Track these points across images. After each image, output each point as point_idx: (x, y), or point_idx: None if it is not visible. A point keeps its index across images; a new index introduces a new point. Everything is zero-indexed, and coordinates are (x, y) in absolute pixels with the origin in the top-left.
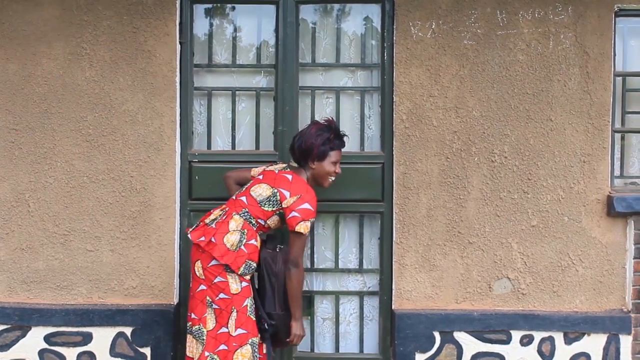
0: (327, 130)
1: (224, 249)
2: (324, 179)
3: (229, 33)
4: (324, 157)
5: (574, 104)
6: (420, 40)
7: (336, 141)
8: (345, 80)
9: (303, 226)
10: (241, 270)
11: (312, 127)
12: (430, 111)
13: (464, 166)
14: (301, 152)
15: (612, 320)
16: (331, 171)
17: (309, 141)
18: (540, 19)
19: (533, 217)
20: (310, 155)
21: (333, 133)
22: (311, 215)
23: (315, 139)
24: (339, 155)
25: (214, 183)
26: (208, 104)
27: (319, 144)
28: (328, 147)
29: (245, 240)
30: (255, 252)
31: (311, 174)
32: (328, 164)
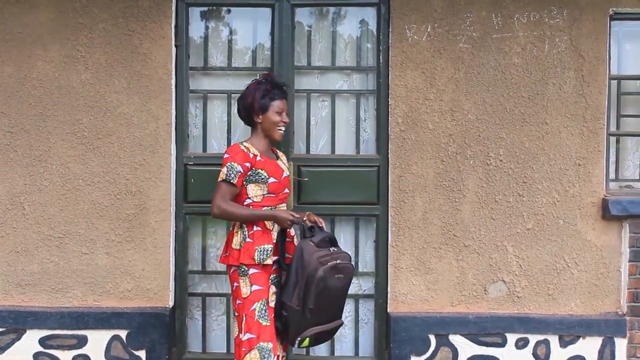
0: (265, 83)
1: (236, 252)
2: (272, 130)
3: (225, 36)
4: (267, 108)
5: (569, 107)
6: (415, 43)
7: (275, 91)
8: (341, 83)
9: (220, 174)
10: (257, 258)
11: (251, 84)
12: (425, 114)
13: (460, 169)
14: (245, 110)
15: (607, 324)
16: (277, 120)
17: (248, 97)
18: (535, 23)
19: (528, 220)
20: (253, 110)
21: (269, 84)
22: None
23: (254, 93)
24: (282, 104)
25: (210, 186)
26: (204, 106)
27: (259, 98)
28: (268, 99)
29: (247, 231)
30: (262, 235)
31: (261, 129)
32: (272, 114)
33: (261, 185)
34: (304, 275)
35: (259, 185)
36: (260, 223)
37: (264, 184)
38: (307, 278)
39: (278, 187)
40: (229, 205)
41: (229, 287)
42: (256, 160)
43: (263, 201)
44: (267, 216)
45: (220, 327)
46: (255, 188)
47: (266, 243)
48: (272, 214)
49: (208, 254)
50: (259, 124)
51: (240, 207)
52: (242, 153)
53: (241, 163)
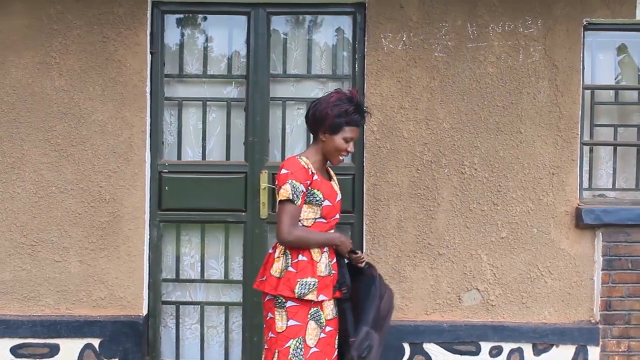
0: (348, 102)
1: (274, 280)
2: (332, 155)
3: (200, 43)
4: (337, 130)
5: (543, 117)
6: (391, 52)
7: (355, 116)
8: (317, 92)
9: (282, 191)
10: (297, 291)
11: (333, 95)
12: (400, 123)
13: (434, 178)
14: (314, 120)
15: (581, 332)
16: (342, 148)
17: (324, 110)
18: (510, 32)
19: (502, 229)
20: (322, 125)
21: (354, 106)
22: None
23: (332, 108)
24: (355, 132)
25: (184, 193)
26: (178, 114)
27: (334, 115)
28: (343, 121)
29: (291, 260)
30: (307, 267)
31: (321, 147)
32: (339, 140)
33: (314, 208)
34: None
35: (312, 207)
36: (307, 252)
37: (318, 206)
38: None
39: (331, 211)
40: (301, 230)
41: (203, 294)
42: (313, 179)
43: (313, 226)
44: (336, 242)
45: (194, 336)
46: (308, 210)
47: (310, 276)
48: (340, 240)
49: (182, 262)
50: (321, 142)
51: (311, 231)
52: (303, 170)
53: (303, 181)
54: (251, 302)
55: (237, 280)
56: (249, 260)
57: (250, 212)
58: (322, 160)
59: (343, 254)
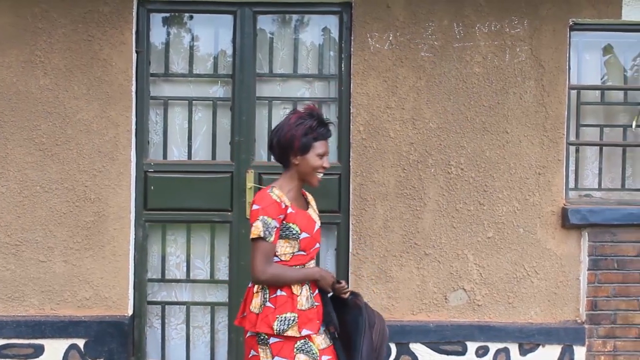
0: (309, 118)
1: (253, 317)
2: (310, 175)
3: (186, 42)
4: (308, 149)
5: (529, 117)
6: (377, 51)
7: (321, 129)
8: (303, 91)
9: (253, 229)
10: (276, 328)
11: (292, 117)
12: (387, 123)
13: (421, 177)
14: (281, 147)
15: (567, 332)
16: (317, 165)
17: (288, 133)
18: (496, 32)
19: (489, 229)
20: (291, 150)
21: (316, 120)
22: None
23: (296, 129)
24: (325, 146)
25: (170, 193)
26: (164, 113)
27: (300, 135)
28: (311, 138)
29: (269, 295)
30: (286, 302)
31: (296, 172)
32: (313, 158)
33: (291, 242)
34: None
35: (288, 241)
36: (286, 287)
37: (295, 240)
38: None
39: (310, 242)
40: (276, 268)
41: (188, 294)
42: (287, 213)
43: (292, 260)
44: (316, 277)
45: (180, 336)
46: (285, 245)
47: (289, 311)
48: (320, 274)
49: (168, 261)
50: (294, 166)
51: (288, 269)
52: (274, 205)
53: (275, 217)
54: (237, 303)
55: (223, 280)
56: (234, 260)
57: (236, 212)
58: (298, 187)
59: (325, 289)
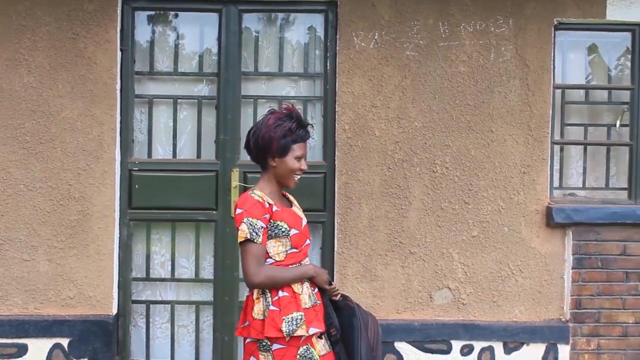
0: (288, 119)
1: (258, 323)
2: (287, 178)
3: (172, 40)
4: (286, 151)
5: (514, 116)
6: (363, 50)
7: (299, 131)
8: (288, 90)
9: (239, 233)
10: (285, 329)
11: (270, 117)
12: (372, 121)
13: (406, 176)
14: (258, 148)
15: (551, 330)
16: (295, 168)
17: (266, 135)
18: (481, 31)
19: (474, 228)
20: (269, 151)
21: (295, 122)
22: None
23: (275, 130)
24: (304, 148)
25: (155, 192)
26: (149, 112)
27: (279, 137)
28: (290, 140)
29: (271, 298)
30: (290, 302)
31: (273, 174)
32: (291, 160)
33: (282, 240)
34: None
35: (279, 240)
36: (288, 287)
37: (286, 237)
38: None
39: (300, 239)
40: (270, 269)
41: (173, 293)
42: (273, 211)
43: (286, 259)
44: (310, 273)
45: (165, 335)
46: (276, 244)
47: (295, 310)
48: (315, 271)
49: (152, 260)
50: (272, 168)
51: (281, 268)
52: (257, 205)
53: (260, 217)
54: (222, 301)
55: (208, 279)
56: (219, 259)
57: (221, 211)
58: (279, 188)
59: (321, 285)
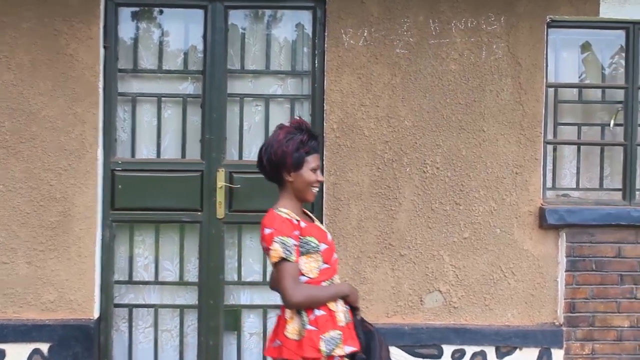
0: (299, 132)
1: (294, 343)
2: (305, 191)
3: (156, 37)
4: (301, 164)
5: (506, 115)
6: (351, 47)
7: (312, 143)
8: (275, 88)
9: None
10: (324, 349)
11: (279, 132)
12: (361, 120)
13: (396, 177)
14: (272, 165)
15: (544, 334)
16: (312, 180)
17: (279, 150)
18: (472, 29)
19: (465, 229)
20: (284, 166)
21: (306, 134)
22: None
23: (286, 145)
24: (318, 159)
25: (138, 192)
26: (132, 110)
27: (292, 150)
28: (303, 152)
29: (307, 317)
30: (327, 320)
31: (291, 189)
32: (307, 172)
33: (314, 256)
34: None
35: (311, 256)
36: (324, 305)
37: (317, 253)
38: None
39: (330, 253)
40: (308, 288)
41: (157, 297)
42: (301, 227)
43: (319, 275)
44: (345, 291)
45: (148, 340)
46: (308, 261)
47: (332, 329)
48: (349, 289)
49: (135, 263)
50: (289, 183)
51: (318, 287)
52: (286, 222)
53: (291, 234)
54: (207, 305)
55: (193, 282)
56: (204, 261)
57: (206, 212)
58: (299, 204)
59: (353, 304)
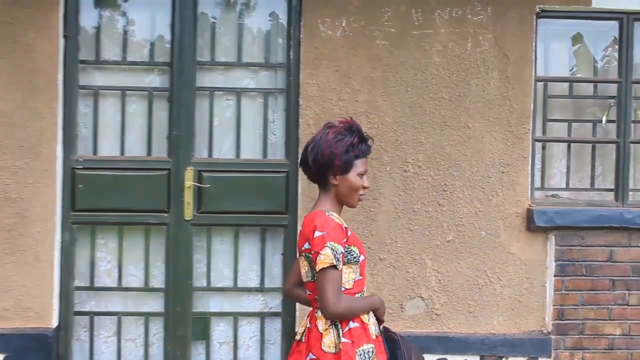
0: (349, 133)
1: (330, 357)
2: (351, 197)
3: (120, 27)
4: (349, 168)
5: (492, 110)
6: (329, 39)
7: (362, 146)
8: (248, 81)
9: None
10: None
11: (329, 132)
12: (339, 116)
13: (375, 176)
14: (319, 166)
15: (532, 343)
16: (359, 186)
17: (327, 151)
18: (457, 19)
19: (448, 232)
20: (331, 169)
21: (357, 136)
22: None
23: (336, 146)
24: (366, 164)
25: (100, 192)
26: (95, 104)
27: (341, 152)
28: (352, 155)
29: (342, 329)
30: (361, 333)
31: (335, 193)
32: (354, 177)
33: (353, 267)
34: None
35: (351, 267)
36: (358, 318)
37: (356, 264)
38: None
39: (364, 265)
40: (347, 299)
41: (120, 304)
42: (348, 236)
43: (354, 287)
44: (377, 304)
45: (110, 350)
46: (348, 271)
47: (366, 342)
48: (380, 302)
49: (97, 268)
50: (333, 186)
51: (355, 298)
52: (338, 228)
53: (340, 241)
54: (173, 312)
55: (159, 288)
56: (171, 265)
57: (173, 213)
58: (341, 209)
59: (381, 317)
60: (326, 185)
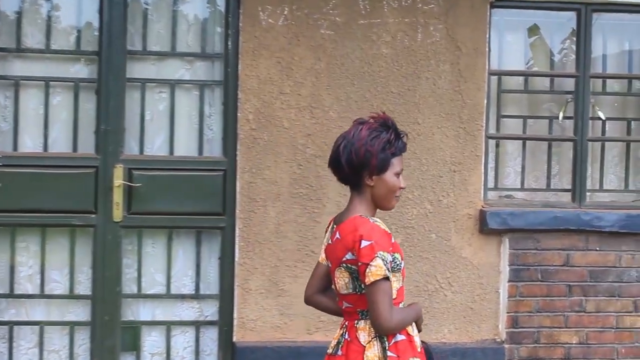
0: (385, 129)
1: None
2: (387, 198)
3: (44, 12)
4: (386, 167)
5: (444, 106)
6: (270, 27)
7: (398, 143)
8: (182, 72)
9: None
10: None
11: (361, 128)
12: (280, 110)
13: (319, 175)
14: (352, 166)
15: (484, 352)
16: (396, 186)
17: (361, 149)
18: (407, 8)
19: (397, 234)
20: (367, 169)
21: (393, 132)
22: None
23: (371, 143)
24: (402, 162)
25: (21, 192)
26: (15, 96)
27: (377, 151)
28: (389, 153)
29: (387, 342)
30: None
31: (371, 195)
32: (391, 177)
33: (397, 275)
34: None
35: (395, 275)
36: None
37: (399, 272)
38: None
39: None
40: (399, 312)
41: (42, 312)
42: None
43: (398, 296)
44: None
45: None
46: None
47: (412, 356)
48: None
49: (17, 273)
50: (368, 188)
51: (404, 310)
52: (386, 236)
53: (388, 250)
54: (101, 321)
55: (85, 295)
56: (99, 271)
57: (101, 214)
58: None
59: (419, 326)
60: (360, 187)
